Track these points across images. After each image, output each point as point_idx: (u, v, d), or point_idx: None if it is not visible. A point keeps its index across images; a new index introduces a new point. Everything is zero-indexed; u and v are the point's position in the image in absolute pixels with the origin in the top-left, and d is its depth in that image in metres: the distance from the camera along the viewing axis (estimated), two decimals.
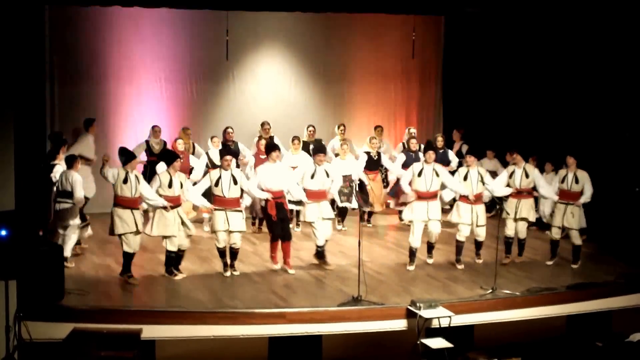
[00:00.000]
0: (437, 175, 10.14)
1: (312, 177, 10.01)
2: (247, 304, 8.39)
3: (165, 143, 12.04)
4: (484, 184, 10.25)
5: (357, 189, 11.35)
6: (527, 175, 10.34)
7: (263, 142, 11.58)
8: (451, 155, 12.50)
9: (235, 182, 9.54)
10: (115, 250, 10.36)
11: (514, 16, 12.85)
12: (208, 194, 9.74)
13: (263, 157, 10.91)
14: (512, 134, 12.79)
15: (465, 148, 12.16)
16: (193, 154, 12.03)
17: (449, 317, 8.11)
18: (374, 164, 12.17)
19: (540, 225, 11.66)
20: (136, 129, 13.03)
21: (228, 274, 9.61)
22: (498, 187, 10.40)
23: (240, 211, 9.65)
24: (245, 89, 14.09)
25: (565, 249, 10.61)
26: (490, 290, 8.91)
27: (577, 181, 10.20)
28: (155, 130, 12.26)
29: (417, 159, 11.32)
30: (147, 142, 12.09)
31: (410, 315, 8.18)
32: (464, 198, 10.20)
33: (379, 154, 12.22)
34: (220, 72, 13.85)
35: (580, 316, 9.06)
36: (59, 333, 7.68)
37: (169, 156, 9.66)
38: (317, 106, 14.44)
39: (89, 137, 11.91)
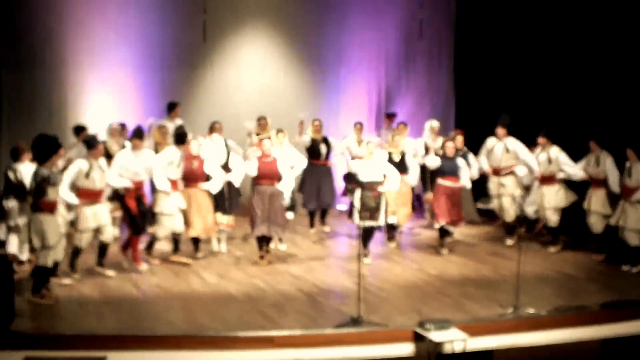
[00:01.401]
0: (508, 151, 11.48)
1: (179, 166, 10.53)
2: (229, 327, 8.37)
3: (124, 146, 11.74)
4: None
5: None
6: (597, 164, 11.04)
7: (265, 141, 10.75)
8: (471, 159, 12.21)
9: (103, 172, 9.95)
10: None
11: None
12: None
13: (268, 159, 10.61)
14: (533, 123, 12.76)
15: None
16: None
17: (464, 340, 8.10)
18: (397, 168, 11.30)
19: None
20: (99, 122, 12.97)
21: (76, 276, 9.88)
22: (577, 170, 11.36)
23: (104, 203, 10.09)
24: (225, 76, 14.10)
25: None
26: (512, 309, 8.90)
27: (630, 175, 10.58)
28: (111, 128, 12.02)
29: (455, 167, 11.24)
30: (104, 142, 12.01)
31: (418, 338, 8.15)
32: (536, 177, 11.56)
33: (403, 154, 11.71)
34: (197, 56, 13.88)
35: (617, 340, 9.04)
36: None
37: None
38: (309, 96, 14.47)
39: (175, 121, 12.28)
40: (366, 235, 10.81)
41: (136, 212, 10.28)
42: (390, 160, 11.42)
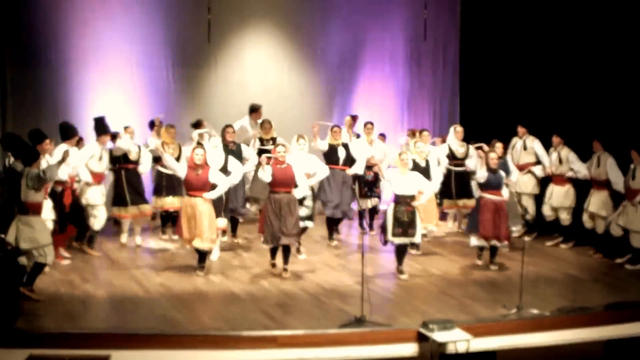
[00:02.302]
0: (525, 149, 11.80)
1: (100, 159, 11.02)
2: (232, 326, 8.37)
3: (139, 147, 11.50)
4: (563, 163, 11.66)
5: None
6: (599, 164, 11.11)
7: (279, 148, 10.35)
8: (512, 166, 11.79)
9: None
10: (79, 263, 10.40)
11: None
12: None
13: (283, 166, 10.09)
14: (539, 125, 12.77)
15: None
16: (178, 159, 11.67)
17: (467, 340, 8.10)
18: (422, 174, 10.68)
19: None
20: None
21: None
22: (583, 168, 11.51)
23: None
24: (229, 76, 14.10)
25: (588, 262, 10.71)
26: (515, 310, 8.91)
27: (634, 177, 10.62)
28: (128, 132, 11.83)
29: (500, 180, 10.67)
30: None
31: (421, 338, 8.15)
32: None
33: (427, 162, 11.34)
34: (201, 56, 13.87)
35: (620, 341, 9.03)
36: None
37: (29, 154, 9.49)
38: (314, 96, 14.45)
39: (257, 123, 12.37)
40: (400, 252, 10.41)
41: (68, 211, 10.48)
42: (416, 166, 11.07)
